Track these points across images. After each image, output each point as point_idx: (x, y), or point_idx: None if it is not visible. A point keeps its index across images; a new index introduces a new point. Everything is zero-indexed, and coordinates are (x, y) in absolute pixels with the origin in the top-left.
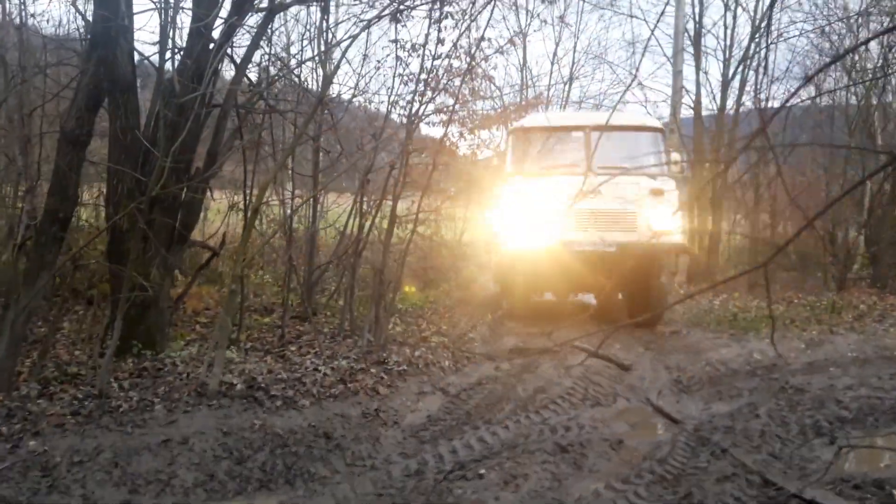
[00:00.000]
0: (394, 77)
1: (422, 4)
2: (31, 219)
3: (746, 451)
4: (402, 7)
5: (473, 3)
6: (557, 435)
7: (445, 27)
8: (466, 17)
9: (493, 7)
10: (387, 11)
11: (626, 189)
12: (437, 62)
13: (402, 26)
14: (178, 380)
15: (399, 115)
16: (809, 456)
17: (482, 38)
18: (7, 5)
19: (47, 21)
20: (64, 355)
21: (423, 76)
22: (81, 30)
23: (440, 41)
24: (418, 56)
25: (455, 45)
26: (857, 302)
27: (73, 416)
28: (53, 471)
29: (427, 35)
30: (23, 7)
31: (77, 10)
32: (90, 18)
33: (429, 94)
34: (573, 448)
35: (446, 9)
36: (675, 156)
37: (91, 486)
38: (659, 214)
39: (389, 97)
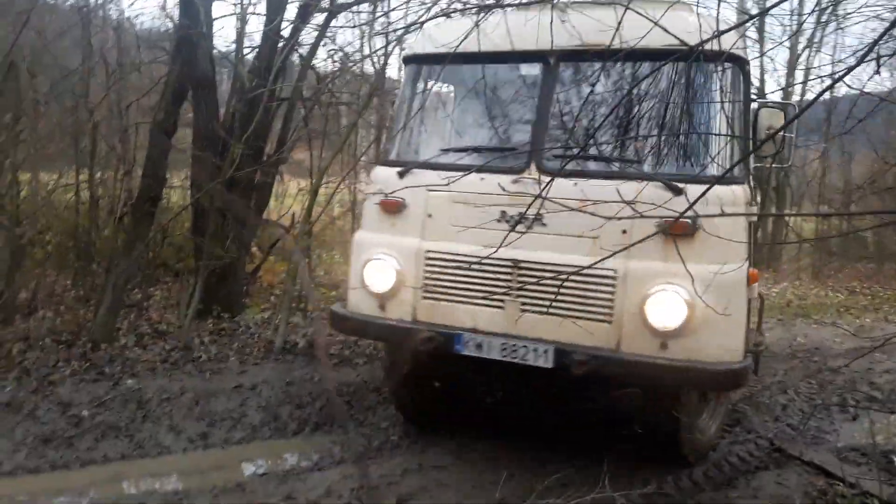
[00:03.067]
0: None
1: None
2: (128, 198)
3: (764, 422)
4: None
5: None
6: None
7: None
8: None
9: None
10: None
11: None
12: None
13: None
14: (250, 339)
15: None
16: (828, 429)
17: None
18: (106, 9)
19: (141, 23)
20: (155, 317)
21: None
22: (170, 30)
23: None
24: None
25: None
26: None
27: (163, 363)
28: (146, 405)
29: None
30: (120, 12)
31: (166, 13)
32: (177, 21)
33: None
34: None
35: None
36: (768, 118)
37: (177, 418)
38: (675, 293)
39: None
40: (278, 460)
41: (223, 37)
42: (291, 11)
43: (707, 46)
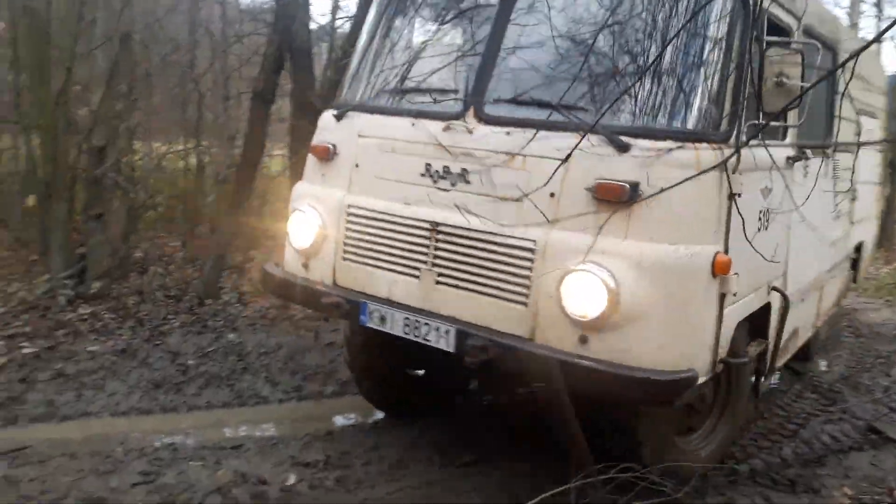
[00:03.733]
0: None
1: None
2: (231, 165)
3: (863, 403)
4: None
5: None
6: None
7: None
8: None
9: None
10: None
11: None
12: None
13: None
14: None
15: None
16: None
17: None
18: None
19: None
20: (257, 277)
21: None
22: (271, 2)
23: None
24: None
25: None
26: None
27: (261, 319)
28: (246, 357)
29: None
30: None
31: None
32: None
33: None
34: None
35: None
36: (779, 63)
37: (273, 371)
38: (595, 274)
39: None
40: (366, 414)
41: (320, 5)
42: None
43: None
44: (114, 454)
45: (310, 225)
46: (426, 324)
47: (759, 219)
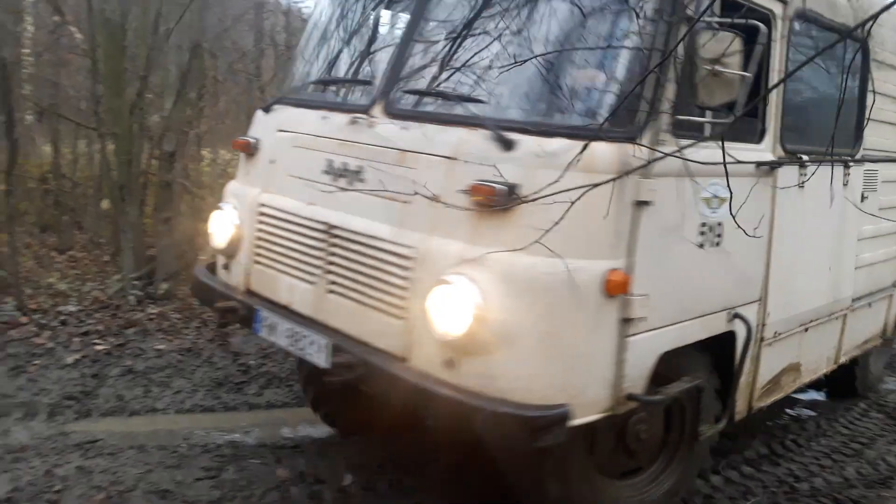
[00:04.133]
0: None
1: None
2: None
3: None
4: None
5: None
6: None
7: None
8: None
9: None
10: None
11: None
12: None
13: None
14: None
15: None
16: None
17: None
18: None
19: (307, 5)
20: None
21: None
22: None
23: None
24: None
25: None
26: None
27: None
28: None
29: None
30: None
31: None
32: None
33: None
34: None
35: None
36: (716, 47)
37: None
38: (462, 288)
39: None
40: None
41: None
42: None
43: None
44: (179, 449)
45: (225, 223)
46: (305, 336)
47: (702, 233)
